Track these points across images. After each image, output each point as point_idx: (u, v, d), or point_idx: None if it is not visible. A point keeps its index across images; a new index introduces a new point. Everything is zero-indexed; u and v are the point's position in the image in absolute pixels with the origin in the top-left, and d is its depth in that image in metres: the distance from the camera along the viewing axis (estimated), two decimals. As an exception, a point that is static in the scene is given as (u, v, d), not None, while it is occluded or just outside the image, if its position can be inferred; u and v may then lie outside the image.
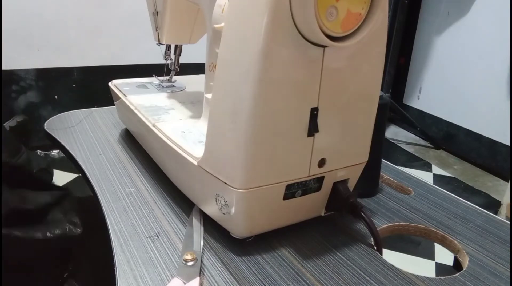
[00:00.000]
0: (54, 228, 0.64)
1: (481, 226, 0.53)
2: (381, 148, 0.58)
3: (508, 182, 1.65)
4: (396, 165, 0.68)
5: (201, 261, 0.44)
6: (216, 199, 0.45)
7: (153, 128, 0.57)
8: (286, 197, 0.45)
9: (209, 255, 0.45)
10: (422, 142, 2.34)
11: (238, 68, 0.39)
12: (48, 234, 0.62)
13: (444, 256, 1.36)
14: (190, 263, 0.42)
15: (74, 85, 1.71)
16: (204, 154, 0.45)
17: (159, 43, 0.72)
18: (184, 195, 0.53)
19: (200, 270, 0.42)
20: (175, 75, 0.77)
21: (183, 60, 0.76)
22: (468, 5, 2.04)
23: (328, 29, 0.38)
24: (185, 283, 0.40)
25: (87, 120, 0.81)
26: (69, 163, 0.67)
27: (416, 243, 1.43)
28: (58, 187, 0.82)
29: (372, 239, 0.48)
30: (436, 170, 2.03)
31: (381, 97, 0.51)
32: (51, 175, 0.81)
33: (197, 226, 0.49)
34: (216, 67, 0.42)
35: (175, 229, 0.49)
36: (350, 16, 0.38)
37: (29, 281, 0.53)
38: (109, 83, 0.76)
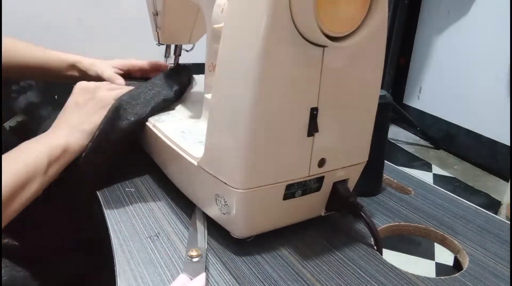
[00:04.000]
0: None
1: (481, 226, 0.53)
2: (384, 146, 0.58)
3: (508, 182, 1.65)
4: (396, 165, 0.68)
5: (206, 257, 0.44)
6: (216, 199, 0.45)
7: (153, 128, 0.57)
8: (286, 197, 0.45)
9: (209, 255, 0.45)
10: (422, 142, 2.34)
11: (238, 68, 0.39)
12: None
13: (444, 256, 1.36)
14: (195, 259, 0.42)
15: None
16: (204, 154, 0.45)
17: (159, 43, 0.72)
18: (184, 195, 0.53)
19: (206, 266, 0.42)
20: None
21: (183, 60, 0.76)
22: (468, 5, 2.04)
23: (327, 29, 0.38)
24: (191, 279, 0.40)
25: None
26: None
27: (416, 243, 1.43)
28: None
29: (372, 239, 0.48)
30: (436, 170, 2.03)
31: (383, 97, 0.51)
32: None
33: (200, 223, 0.49)
34: (216, 67, 0.42)
35: (175, 229, 0.49)
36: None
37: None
38: (109, 83, 0.75)
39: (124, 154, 0.59)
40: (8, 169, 0.45)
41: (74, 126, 0.53)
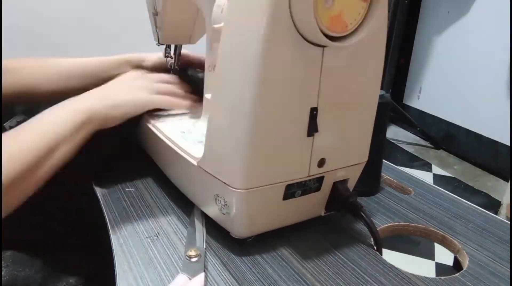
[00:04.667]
0: None
1: (481, 226, 0.53)
2: (382, 146, 0.58)
3: (508, 182, 1.66)
4: (396, 165, 0.68)
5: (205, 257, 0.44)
6: (216, 199, 0.45)
7: (153, 128, 0.57)
8: (286, 197, 0.45)
9: (209, 255, 0.45)
10: (422, 142, 2.35)
11: (238, 68, 0.39)
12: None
13: (444, 256, 1.36)
14: (194, 259, 0.42)
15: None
16: (204, 154, 0.45)
17: (159, 43, 0.72)
18: (184, 195, 0.53)
19: (204, 265, 0.42)
20: None
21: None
22: (468, 5, 2.04)
23: (327, 29, 0.38)
24: (190, 279, 0.40)
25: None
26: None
27: (416, 243, 1.43)
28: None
29: (372, 239, 0.48)
30: (436, 170, 2.04)
31: (382, 96, 0.51)
32: None
33: (199, 222, 0.49)
34: (216, 67, 0.42)
35: (175, 229, 0.49)
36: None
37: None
38: (109, 83, 0.75)
39: (122, 151, 0.60)
40: (30, 138, 0.44)
41: (101, 95, 0.52)
